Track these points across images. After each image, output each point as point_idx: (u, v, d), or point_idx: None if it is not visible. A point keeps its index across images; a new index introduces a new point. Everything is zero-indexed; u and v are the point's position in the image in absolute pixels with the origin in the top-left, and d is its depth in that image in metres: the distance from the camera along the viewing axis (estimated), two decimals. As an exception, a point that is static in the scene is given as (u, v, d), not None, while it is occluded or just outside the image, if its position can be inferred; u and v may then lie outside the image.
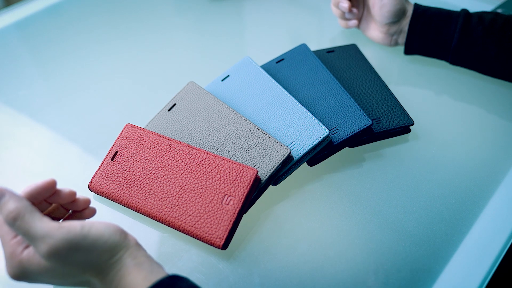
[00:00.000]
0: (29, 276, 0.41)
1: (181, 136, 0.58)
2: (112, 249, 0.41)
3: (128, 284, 0.40)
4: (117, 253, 0.41)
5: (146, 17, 0.91)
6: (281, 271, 0.49)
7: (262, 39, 0.82)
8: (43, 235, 0.39)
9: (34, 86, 0.76)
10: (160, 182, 0.52)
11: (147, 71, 0.78)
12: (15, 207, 0.39)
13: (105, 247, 0.41)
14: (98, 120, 0.69)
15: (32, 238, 0.39)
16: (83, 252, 0.40)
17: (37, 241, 0.39)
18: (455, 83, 0.72)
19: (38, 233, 0.39)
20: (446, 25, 0.68)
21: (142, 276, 0.40)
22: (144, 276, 0.40)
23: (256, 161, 0.54)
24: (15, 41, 0.87)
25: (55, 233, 0.39)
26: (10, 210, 0.39)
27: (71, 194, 0.46)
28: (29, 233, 0.39)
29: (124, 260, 0.41)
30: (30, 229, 0.39)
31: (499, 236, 0.52)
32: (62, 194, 0.46)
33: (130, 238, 0.43)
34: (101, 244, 0.40)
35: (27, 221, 0.39)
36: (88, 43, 0.85)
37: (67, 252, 0.39)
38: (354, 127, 0.58)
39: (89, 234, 0.40)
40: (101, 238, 0.40)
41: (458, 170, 0.60)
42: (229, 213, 0.49)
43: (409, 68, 0.75)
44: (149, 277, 0.40)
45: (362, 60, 0.69)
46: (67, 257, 0.39)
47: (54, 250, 0.38)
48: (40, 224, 0.39)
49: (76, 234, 0.39)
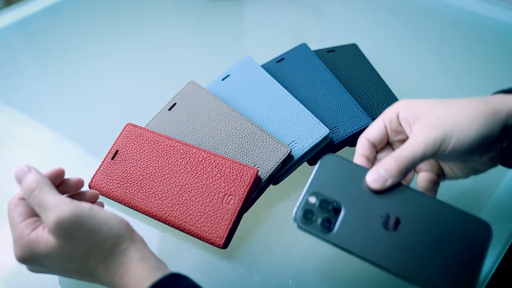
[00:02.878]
0: (35, 258, 0.41)
1: (182, 135, 0.58)
2: (116, 238, 0.41)
3: (133, 278, 0.40)
4: (122, 243, 0.42)
5: (146, 16, 0.91)
6: (281, 270, 0.49)
7: (262, 38, 0.82)
8: (53, 205, 0.40)
9: (35, 85, 0.76)
10: (160, 181, 0.52)
11: (147, 70, 0.78)
12: (35, 179, 0.42)
13: (109, 233, 0.41)
14: (99, 120, 0.69)
15: (44, 209, 0.40)
16: (87, 232, 0.40)
17: (47, 211, 0.40)
18: (456, 83, 0.72)
19: (50, 204, 0.40)
20: None
21: (147, 271, 0.40)
22: (149, 271, 0.41)
23: (257, 160, 0.54)
24: (15, 41, 0.87)
25: (64, 205, 0.40)
26: (31, 181, 0.42)
27: (79, 182, 0.48)
28: (42, 204, 0.40)
29: (129, 252, 0.41)
30: (43, 199, 0.41)
31: (499, 236, 0.52)
32: (70, 182, 0.47)
33: (136, 234, 0.43)
34: (105, 230, 0.41)
35: (43, 193, 0.41)
36: (88, 42, 0.85)
37: (72, 226, 0.40)
38: (355, 126, 0.58)
39: (95, 216, 0.41)
40: (107, 224, 0.41)
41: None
42: (230, 212, 0.49)
43: (409, 68, 0.75)
44: (154, 272, 0.40)
45: (363, 59, 0.69)
46: (71, 233, 0.40)
47: (60, 221, 0.39)
48: (54, 197, 0.41)
49: (84, 212, 0.41)
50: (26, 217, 0.42)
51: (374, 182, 0.43)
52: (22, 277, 0.50)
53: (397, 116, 0.44)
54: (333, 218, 0.43)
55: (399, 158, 0.41)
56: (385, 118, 0.45)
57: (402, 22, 0.89)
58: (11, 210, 0.43)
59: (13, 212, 0.43)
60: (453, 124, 0.41)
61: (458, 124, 0.41)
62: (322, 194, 0.44)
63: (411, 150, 0.41)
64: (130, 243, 0.42)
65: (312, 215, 0.43)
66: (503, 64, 0.77)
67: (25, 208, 0.43)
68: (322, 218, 0.43)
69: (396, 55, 0.77)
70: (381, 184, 0.42)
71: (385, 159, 0.42)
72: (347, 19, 0.90)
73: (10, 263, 0.52)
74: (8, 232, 0.55)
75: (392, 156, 0.42)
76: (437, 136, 0.41)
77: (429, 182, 0.47)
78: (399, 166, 0.41)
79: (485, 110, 0.41)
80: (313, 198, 0.44)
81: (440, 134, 0.41)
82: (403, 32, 0.86)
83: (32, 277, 0.50)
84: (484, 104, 0.42)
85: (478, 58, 0.79)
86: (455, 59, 0.79)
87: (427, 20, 0.89)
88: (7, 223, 0.56)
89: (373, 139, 0.46)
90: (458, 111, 0.41)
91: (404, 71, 0.75)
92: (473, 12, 0.89)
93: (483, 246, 0.40)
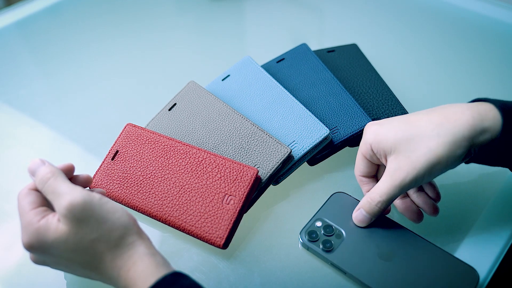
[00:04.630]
0: (44, 245, 0.42)
1: (182, 135, 0.58)
2: (124, 228, 0.42)
3: (140, 271, 0.41)
4: (129, 235, 0.42)
5: (147, 16, 0.91)
6: (282, 270, 0.49)
7: (262, 38, 0.82)
8: (65, 191, 0.42)
9: (35, 85, 0.76)
10: (160, 181, 0.52)
11: (147, 70, 0.78)
12: (50, 170, 0.44)
13: (117, 223, 0.42)
14: (99, 120, 0.69)
15: (57, 195, 0.42)
16: (96, 219, 0.41)
17: (60, 197, 0.41)
18: (456, 83, 0.72)
19: (63, 190, 0.42)
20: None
21: (154, 267, 0.41)
22: (156, 267, 0.41)
23: (257, 160, 0.54)
24: (16, 40, 0.87)
25: (76, 191, 0.42)
26: (46, 172, 0.43)
27: (88, 180, 0.49)
28: (55, 191, 0.42)
29: (137, 246, 0.42)
30: (57, 187, 0.42)
31: (499, 236, 0.52)
32: (80, 178, 0.49)
33: (143, 232, 0.44)
34: (113, 219, 0.42)
35: (57, 181, 0.43)
36: (88, 42, 0.85)
37: (82, 211, 0.41)
38: (355, 126, 0.58)
39: (105, 204, 0.42)
40: (114, 214, 0.42)
41: (458, 169, 0.59)
42: (230, 213, 0.49)
43: (409, 68, 0.75)
44: (161, 268, 0.41)
45: (363, 60, 0.69)
46: (81, 218, 0.41)
47: (71, 205, 0.41)
48: (68, 184, 0.43)
49: (94, 199, 0.42)
50: (36, 206, 0.43)
51: (359, 222, 0.50)
52: (22, 277, 0.50)
53: (372, 151, 0.49)
54: (334, 242, 0.49)
55: (376, 201, 0.47)
56: (364, 153, 0.50)
57: (402, 22, 0.89)
58: (21, 199, 0.44)
59: (23, 201, 0.44)
60: (425, 163, 0.44)
61: (428, 163, 0.44)
62: (327, 221, 0.51)
63: (388, 192, 0.46)
64: (138, 237, 0.43)
65: (316, 235, 0.50)
66: (503, 64, 0.77)
67: (36, 198, 0.44)
68: (325, 240, 0.49)
69: (396, 55, 0.77)
70: (365, 222, 0.50)
71: (365, 198, 0.49)
72: (347, 19, 0.90)
73: (10, 263, 0.52)
74: (8, 232, 0.55)
75: (371, 198, 0.48)
76: (411, 179, 0.45)
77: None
78: (378, 208, 0.48)
79: (453, 140, 0.44)
80: (319, 222, 0.51)
81: (413, 177, 0.45)
82: (403, 32, 0.86)
83: (32, 277, 0.50)
84: (452, 130, 0.44)
85: (477, 58, 0.79)
86: (455, 59, 0.79)
87: (427, 20, 0.89)
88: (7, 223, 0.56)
89: (365, 173, 0.52)
90: (427, 146, 0.45)
91: (404, 71, 0.75)
92: (473, 12, 0.89)
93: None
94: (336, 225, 0.50)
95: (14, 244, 0.53)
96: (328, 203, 0.53)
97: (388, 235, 0.49)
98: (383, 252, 0.48)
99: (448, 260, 0.47)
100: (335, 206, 0.52)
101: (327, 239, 0.49)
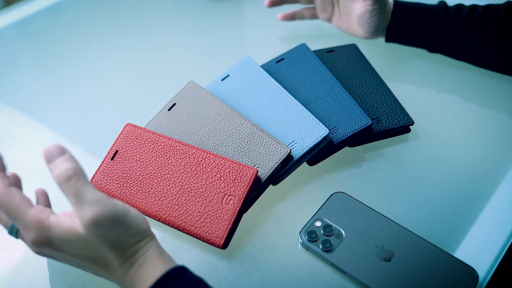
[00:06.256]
0: (53, 243, 0.41)
1: (181, 135, 0.58)
2: (141, 234, 0.42)
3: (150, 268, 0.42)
4: (144, 239, 0.43)
5: (146, 17, 0.91)
6: (281, 270, 0.49)
7: (262, 39, 0.82)
8: (94, 200, 0.39)
9: (34, 85, 0.76)
10: (160, 181, 0.52)
11: (147, 70, 0.78)
12: (73, 166, 0.40)
13: (138, 229, 0.42)
14: (98, 120, 0.69)
15: (81, 201, 0.39)
16: (121, 229, 0.41)
17: (86, 205, 0.39)
18: (456, 83, 0.72)
19: (90, 197, 0.39)
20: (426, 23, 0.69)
21: (162, 264, 0.42)
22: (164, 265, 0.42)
23: (256, 160, 0.54)
24: (15, 40, 0.87)
25: (105, 203, 0.40)
26: (69, 167, 0.39)
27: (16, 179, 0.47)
28: (80, 195, 0.39)
29: (149, 246, 0.43)
30: (83, 191, 0.39)
31: (499, 236, 0.52)
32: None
33: (152, 232, 0.44)
34: (135, 226, 0.42)
35: (82, 183, 0.39)
36: (88, 42, 0.85)
37: (109, 224, 0.40)
38: (354, 126, 0.58)
39: (128, 213, 0.41)
40: (136, 220, 0.42)
41: (458, 169, 0.60)
42: (229, 213, 0.49)
43: (409, 68, 0.75)
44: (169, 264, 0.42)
45: (362, 60, 0.69)
46: (106, 229, 0.40)
47: (100, 218, 0.39)
48: (93, 190, 0.40)
49: (119, 209, 0.40)
50: (30, 203, 0.42)
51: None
52: (22, 277, 0.50)
53: None
54: (333, 241, 0.49)
55: None
56: None
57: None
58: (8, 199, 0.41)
59: (12, 200, 0.41)
60: None
61: None
62: (327, 221, 0.51)
63: None
64: (150, 239, 0.43)
65: (316, 235, 0.50)
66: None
67: (23, 195, 0.42)
68: (324, 240, 0.50)
69: (396, 55, 0.77)
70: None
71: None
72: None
73: (10, 263, 0.52)
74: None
75: None
76: None
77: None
78: None
79: None
80: (318, 222, 0.51)
81: None
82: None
83: (32, 277, 0.50)
84: None
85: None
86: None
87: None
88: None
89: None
90: None
91: (404, 71, 0.75)
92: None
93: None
94: (335, 225, 0.50)
95: (14, 244, 0.53)
96: (328, 203, 0.53)
97: (388, 235, 0.49)
98: (382, 252, 0.48)
99: (448, 260, 0.47)
100: (335, 206, 0.52)
101: (327, 239, 0.49)
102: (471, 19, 0.67)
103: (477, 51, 0.68)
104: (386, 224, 0.50)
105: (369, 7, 0.68)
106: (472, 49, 0.68)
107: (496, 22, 0.66)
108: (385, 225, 0.50)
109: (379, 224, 0.50)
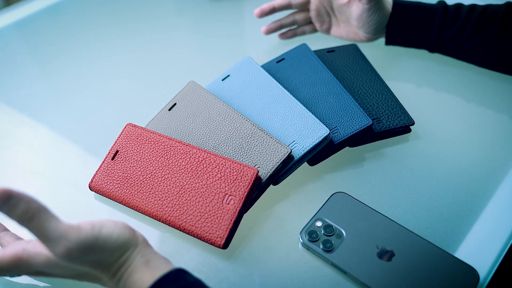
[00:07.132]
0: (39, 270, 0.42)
1: (182, 135, 0.58)
2: (122, 248, 0.41)
3: (136, 281, 0.41)
4: (126, 251, 0.42)
5: (146, 17, 0.91)
6: (282, 270, 0.49)
7: (262, 38, 0.82)
8: (58, 236, 0.38)
9: (34, 85, 0.76)
10: (160, 181, 0.52)
11: (147, 70, 0.78)
12: (29, 208, 0.37)
13: (115, 246, 0.41)
14: (99, 120, 0.69)
15: (46, 239, 0.38)
16: (96, 253, 0.40)
17: (52, 242, 0.38)
18: (456, 83, 0.72)
19: (53, 235, 0.37)
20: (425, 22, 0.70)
21: (149, 275, 0.41)
22: (151, 274, 0.41)
23: (257, 160, 0.54)
24: (15, 40, 0.87)
25: (69, 235, 0.38)
26: (24, 210, 0.36)
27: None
28: (44, 235, 0.37)
29: (133, 258, 0.42)
30: (45, 230, 0.37)
31: (500, 236, 0.52)
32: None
33: (138, 235, 0.44)
34: (111, 244, 0.40)
35: (42, 221, 0.37)
36: (88, 42, 0.85)
37: (80, 254, 0.39)
38: (355, 126, 0.58)
39: (100, 235, 0.40)
40: (111, 238, 0.41)
41: (458, 169, 0.60)
42: (230, 213, 0.49)
43: (410, 68, 0.75)
44: (155, 274, 0.41)
45: (363, 60, 0.69)
46: (80, 257, 0.39)
47: (68, 252, 0.38)
48: (55, 225, 0.38)
49: (88, 235, 0.39)
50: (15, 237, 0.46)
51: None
52: (22, 277, 0.50)
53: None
54: (334, 241, 0.49)
55: None
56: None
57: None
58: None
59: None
60: None
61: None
62: (327, 221, 0.51)
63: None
64: (133, 248, 0.42)
65: (316, 235, 0.50)
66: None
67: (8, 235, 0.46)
68: (325, 240, 0.50)
69: (396, 55, 0.77)
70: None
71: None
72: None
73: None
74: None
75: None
76: None
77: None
78: None
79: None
80: (319, 222, 0.51)
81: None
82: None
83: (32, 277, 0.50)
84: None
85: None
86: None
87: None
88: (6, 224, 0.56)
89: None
90: None
91: (405, 71, 0.75)
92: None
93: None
94: (336, 225, 0.50)
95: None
96: (328, 203, 0.53)
97: (388, 235, 0.49)
98: (383, 252, 0.48)
99: (448, 260, 0.47)
100: (335, 206, 0.52)
101: (327, 239, 0.49)
102: (471, 18, 0.67)
103: (477, 50, 0.68)
104: (387, 224, 0.50)
105: (366, 6, 0.68)
106: (472, 48, 0.68)
107: (495, 22, 0.66)
108: (386, 225, 0.50)
109: (379, 224, 0.50)
